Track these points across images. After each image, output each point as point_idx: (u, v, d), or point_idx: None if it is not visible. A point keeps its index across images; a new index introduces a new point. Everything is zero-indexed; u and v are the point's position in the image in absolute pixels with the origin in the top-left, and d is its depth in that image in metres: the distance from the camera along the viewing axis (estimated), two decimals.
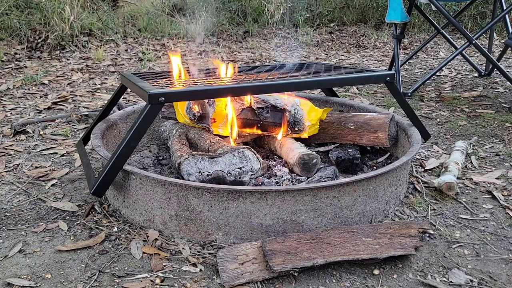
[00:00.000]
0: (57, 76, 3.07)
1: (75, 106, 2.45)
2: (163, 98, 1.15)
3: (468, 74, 3.32)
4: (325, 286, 0.99)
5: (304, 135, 1.54)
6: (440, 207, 1.35)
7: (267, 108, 1.48)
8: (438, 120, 2.23)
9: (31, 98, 2.58)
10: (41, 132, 1.98)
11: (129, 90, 2.41)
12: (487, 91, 2.79)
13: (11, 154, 1.74)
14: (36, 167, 1.62)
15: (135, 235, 1.18)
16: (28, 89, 2.75)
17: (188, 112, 1.45)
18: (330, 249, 1.03)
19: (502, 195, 1.42)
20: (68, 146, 1.84)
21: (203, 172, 1.26)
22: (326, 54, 4.31)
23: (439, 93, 2.75)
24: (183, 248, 1.12)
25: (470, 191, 1.46)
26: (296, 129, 1.50)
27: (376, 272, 1.04)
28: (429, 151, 1.80)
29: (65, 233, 1.20)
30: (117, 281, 1.00)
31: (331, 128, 1.58)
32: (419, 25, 5.41)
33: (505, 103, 2.51)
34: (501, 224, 1.26)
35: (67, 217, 1.28)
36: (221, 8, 5.34)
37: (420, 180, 1.51)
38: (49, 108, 2.38)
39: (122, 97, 2.42)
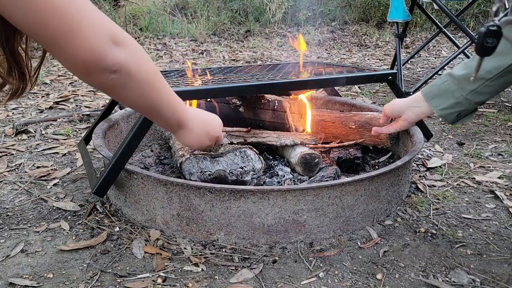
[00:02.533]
0: (58, 76, 3.08)
1: (76, 105, 2.45)
2: None
3: None
4: (327, 286, 0.99)
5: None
6: (443, 207, 1.35)
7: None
8: (440, 119, 2.23)
9: (33, 97, 2.58)
10: (43, 132, 1.98)
11: None
12: None
13: (13, 154, 1.74)
14: (38, 167, 1.63)
15: (136, 235, 1.18)
16: (30, 88, 2.76)
17: None
18: None
19: (505, 194, 1.42)
20: (70, 145, 1.84)
21: (205, 172, 1.26)
22: (328, 53, 4.31)
23: None
24: (184, 248, 1.12)
25: (473, 191, 1.46)
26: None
27: (378, 272, 1.03)
28: (432, 150, 1.80)
29: (67, 232, 1.20)
30: (119, 280, 1.00)
31: (332, 128, 1.57)
32: (421, 24, 5.40)
33: (508, 102, 2.50)
34: (504, 224, 1.26)
35: (69, 217, 1.28)
36: (223, 7, 5.34)
37: (422, 180, 1.51)
38: (50, 107, 2.39)
39: None
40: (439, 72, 2.72)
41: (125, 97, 0.69)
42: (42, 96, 2.61)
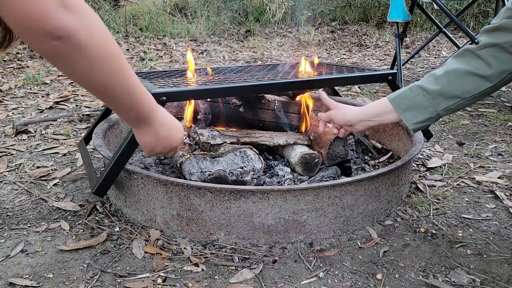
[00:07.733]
0: (58, 76, 3.07)
1: (76, 105, 2.45)
2: (165, 98, 1.14)
3: None
4: (327, 286, 0.99)
5: None
6: (443, 207, 1.35)
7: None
8: (440, 119, 2.22)
9: (33, 97, 2.58)
10: (43, 132, 1.98)
11: None
12: None
13: (13, 154, 1.74)
14: (38, 167, 1.63)
15: (137, 235, 1.18)
16: (30, 88, 2.76)
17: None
18: None
19: (505, 194, 1.42)
20: (70, 145, 1.84)
21: (205, 172, 1.26)
22: (328, 53, 4.31)
23: None
24: (184, 248, 1.12)
25: (473, 191, 1.46)
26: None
27: (378, 272, 1.03)
28: (432, 150, 1.80)
29: (67, 232, 1.20)
30: (119, 280, 1.00)
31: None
32: (421, 24, 5.39)
33: (508, 102, 2.50)
34: (504, 224, 1.26)
35: (69, 217, 1.28)
36: (223, 7, 5.34)
37: (422, 180, 1.51)
38: (51, 107, 2.39)
39: None
40: None
41: (72, 71, 0.62)
42: (42, 96, 2.61)
